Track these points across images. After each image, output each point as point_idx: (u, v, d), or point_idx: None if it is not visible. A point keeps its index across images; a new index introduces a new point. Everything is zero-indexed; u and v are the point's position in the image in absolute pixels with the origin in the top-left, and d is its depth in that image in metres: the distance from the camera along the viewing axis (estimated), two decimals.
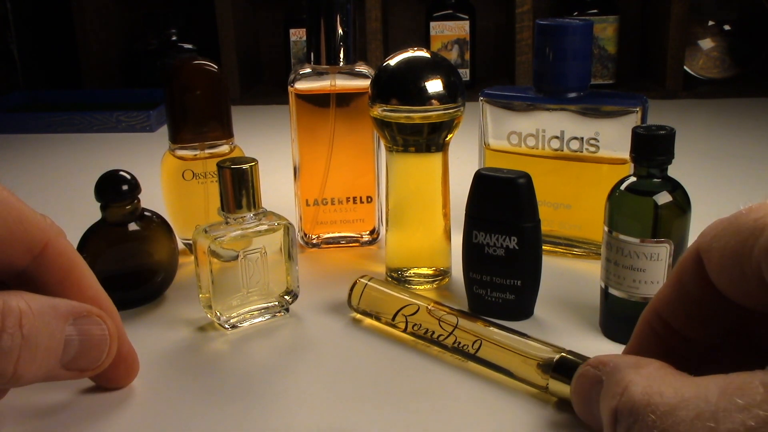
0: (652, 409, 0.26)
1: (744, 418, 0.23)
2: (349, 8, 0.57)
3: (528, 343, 0.42)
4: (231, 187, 0.47)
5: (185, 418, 0.39)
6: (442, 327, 0.45)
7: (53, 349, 0.34)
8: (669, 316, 0.32)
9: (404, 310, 0.46)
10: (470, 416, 0.39)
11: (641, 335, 0.33)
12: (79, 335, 0.36)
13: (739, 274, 0.28)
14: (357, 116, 0.59)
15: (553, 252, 0.59)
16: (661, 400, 0.26)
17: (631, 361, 0.30)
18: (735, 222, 0.28)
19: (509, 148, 0.59)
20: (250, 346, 0.47)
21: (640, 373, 0.28)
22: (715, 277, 0.29)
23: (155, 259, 0.52)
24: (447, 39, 1.27)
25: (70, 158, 0.96)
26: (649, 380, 0.27)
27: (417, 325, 0.46)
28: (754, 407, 0.23)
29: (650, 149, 0.44)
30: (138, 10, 1.38)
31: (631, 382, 0.28)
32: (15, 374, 0.33)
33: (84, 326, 0.36)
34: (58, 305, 0.35)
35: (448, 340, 0.44)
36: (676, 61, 1.19)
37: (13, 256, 0.36)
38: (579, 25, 0.55)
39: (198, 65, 0.58)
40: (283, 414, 0.39)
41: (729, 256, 0.28)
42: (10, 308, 0.33)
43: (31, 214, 0.36)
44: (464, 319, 0.45)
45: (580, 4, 1.23)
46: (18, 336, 0.32)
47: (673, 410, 0.25)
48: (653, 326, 0.33)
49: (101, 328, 0.37)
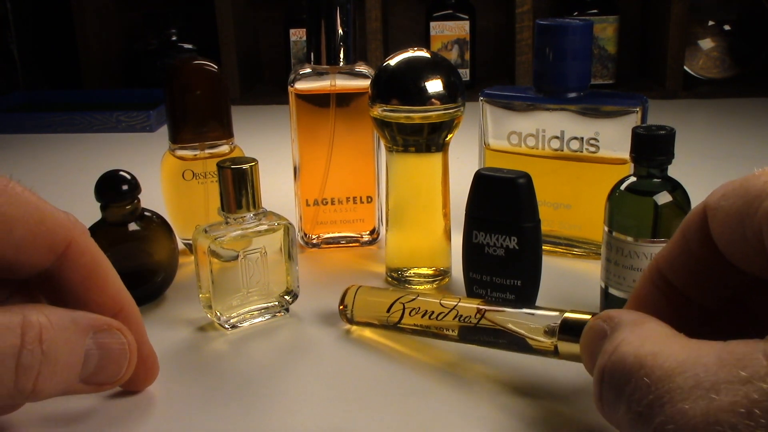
0: (646, 372, 0.25)
1: (747, 390, 0.22)
2: (349, 8, 0.57)
3: (531, 312, 0.41)
4: (231, 187, 0.47)
5: (185, 418, 0.39)
6: (442, 305, 0.44)
7: (73, 364, 0.34)
8: (670, 272, 0.31)
9: (402, 299, 0.46)
10: (471, 416, 0.39)
11: (642, 291, 0.33)
12: (98, 349, 0.35)
13: (740, 236, 0.27)
14: (357, 116, 0.59)
15: (553, 252, 0.59)
16: (654, 363, 0.25)
17: (632, 318, 0.29)
18: (744, 183, 0.27)
19: (509, 148, 0.59)
20: (250, 346, 0.47)
21: (635, 332, 0.27)
22: (718, 237, 0.29)
23: (155, 259, 0.52)
24: (447, 39, 1.27)
25: (70, 158, 0.96)
26: (643, 340, 0.27)
27: (415, 310, 0.45)
28: (757, 380, 0.22)
29: (650, 149, 0.44)
30: (138, 10, 1.38)
31: (624, 341, 0.27)
32: (34, 390, 0.32)
33: (104, 340, 0.35)
34: (79, 319, 0.35)
35: (449, 317, 0.43)
36: (676, 61, 1.19)
37: (35, 256, 0.35)
38: (579, 25, 0.55)
39: (198, 65, 0.58)
40: (282, 414, 0.40)
41: (733, 216, 0.27)
42: (30, 323, 0.32)
43: (54, 212, 0.36)
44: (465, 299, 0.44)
45: (580, 4, 1.23)
46: (38, 352, 0.32)
47: (670, 376, 0.24)
48: (655, 282, 0.32)
49: (121, 341, 0.36)
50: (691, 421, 0.23)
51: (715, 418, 0.22)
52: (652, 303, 0.32)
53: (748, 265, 0.28)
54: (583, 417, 0.38)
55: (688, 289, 0.31)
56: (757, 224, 0.26)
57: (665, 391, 0.24)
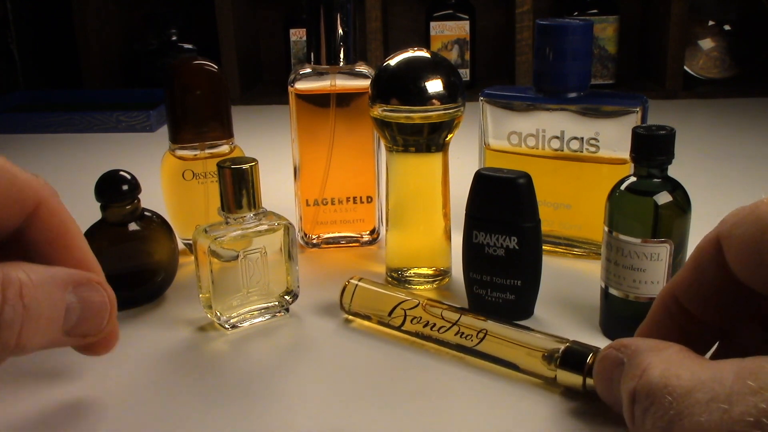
0: (668, 391, 0.26)
1: (756, 400, 0.23)
2: (349, 8, 0.57)
3: (532, 335, 0.42)
4: (231, 187, 0.47)
5: (185, 418, 0.39)
6: (444, 318, 0.45)
7: (55, 317, 0.35)
8: (685, 299, 0.32)
9: (403, 305, 0.46)
10: (470, 416, 0.39)
11: (656, 316, 0.34)
12: (79, 302, 0.36)
13: (757, 262, 0.28)
14: (357, 116, 0.59)
15: (553, 252, 0.59)
16: (678, 383, 0.26)
17: (652, 345, 0.30)
18: (756, 210, 0.28)
19: (509, 148, 0.59)
20: (250, 346, 0.47)
21: (659, 356, 0.29)
22: (734, 264, 0.29)
23: (155, 259, 0.52)
24: (447, 39, 1.27)
25: (70, 158, 0.96)
26: (667, 363, 0.28)
27: (417, 319, 0.46)
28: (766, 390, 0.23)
29: (650, 149, 0.44)
30: (138, 10, 1.38)
31: (650, 365, 0.28)
32: (18, 344, 0.33)
33: (84, 293, 0.36)
34: (57, 274, 0.35)
35: (449, 332, 0.44)
36: (676, 61, 1.19)
37: (5, 215, 0.36)
38: (579, 25, 0.55)
39: (198, 65, 0.58)
40: (282, 414, 0.39)
41: (748, 244, 0.28)
42: (9, 280, 0.33)
43: (24, 173, 0.37)
44: (467, 313, 0.45)
45: (580, 4, 1.23)
46: (20, 306, 0.33)
47: (689, 392, 0.25)
48: (669, 308, 0.33)
49: (101, 294, 0.37)
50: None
51: (727, 428, 0.23)
52: (666, 326, 0.33)
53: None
54: (582, 415, 0.38)
55: (704, 314, 0.32)
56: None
57: (685, 406, 0.25)
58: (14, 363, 0.45)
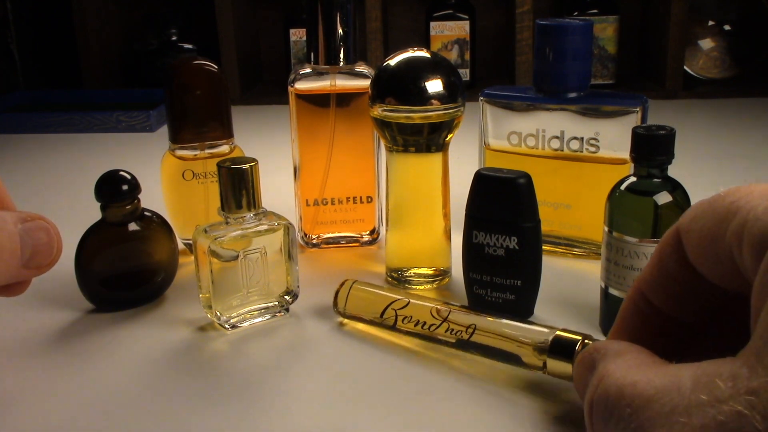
0: (627, 402, 0.26)
1: (714, 413, 0.23)
2: (349, 8, 0.57)
3: (522, 326, 0.42)
4: (231, 187, 0.47)
5: (185, 418, 0.39)
6: (433, 316, 0.45)
7: (13, 250, 0.37)
8: (652, 294, 0.32)
9: (394, 305, 0.46)
10: (470, 415, 0.39)
11: (627, 314, 0.34)
12: (30, 236, 0.38)
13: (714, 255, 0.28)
14: (357, 116, 0.59)
15: (553, 252, 0.59)
16: (634, 392, 0.26)
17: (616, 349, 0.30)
18: (713, 204, 0.28)
19: (509, 148, 0.59)
20: (250, 346, 0.47)
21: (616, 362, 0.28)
22: (693, 257, 0.29)
23: (155, 259, 0.52)
24: (447, 39, 1.27)
25: (70, 158, 0.96)
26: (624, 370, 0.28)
27: (407, 318, 0.46)
28: (720, 403, 0.23)
29: (650, 149, 0.44)
30: (138, 10, 1.38)
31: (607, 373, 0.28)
32: None
33: (33, 228, 0.39)
34: (6, 213, 0.38)
35: (440, 329, 0.44)
36: (676, 61, 1.19)
37: None
38: (579, 25, 0.55)
39: (198, 65, 0.58)
40: (282, 414, 0.39)
41: (706, 237, 0.28)
42: None
43: None
44: (457, 308, 0.45)
45: (580, 4, 1.23)
46: None
47: (648, 403, 0.25)
48: (638, 305, 0.33)
49: (47, 227, 0.40)
50: None
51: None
52: (636, 325, 0.33)
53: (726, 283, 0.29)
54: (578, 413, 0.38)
55: (670, 309, 0.32)
56: (727, 244, 0.27)
57: (645, 419, 0.25)
58: (14, 361, 0.45)
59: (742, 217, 0.26)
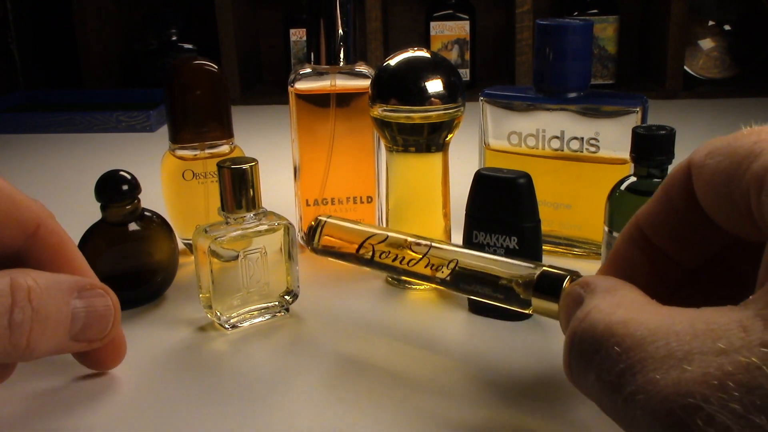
0: (616, 340, 0.24)
1: (721, 362, 0.21)
2: (349, 8, 0.57)
3: (507, 262, 0.40)
4: (231, 187, 0.47)
5: (185, 418, 0.39)
6: (413, 251, 0.43)
7: (62, 321, 0.36)
8: (651, 230, 0.31)
9: (371, 239, 0.45)
10: (468, 416, 0.39)
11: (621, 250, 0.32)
12: (85, 307, 0.37)
13: (725, 196, 0.26)
14: (357, 116, 0.59)
15: (553, 252, 0.59)
16: (625, 331, 0.24)
17: (607, 285, 0.28)
18: (733, 142, 0.27)
19: (509, 148, 0.59)
20: (250, 346, 0.47)
21: (606, 299, 0.27)
22: (702, 195, 0.28)
23: (155, 259, 0.52)
24: (447, 39, 1.27)
25: (70, 158, 0.96)
26: (615, 307, 0.26)
27: (385, 253, 0.44)
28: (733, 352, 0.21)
29: (650, 149, 0.44)
30: (138, 10, 1.38)
31: (595, 308, 0.26)
32: (28, 347, 0.34)
33: (89, 298, 0.37)
34: (63, 280, 0.37)
35: (419, 264, 0.42)
36: (676, 61, 1.19)
37: (8, 236, 0.37)
38: (579, 25, 0.55)
39: (198, 65, 0.58)
40: (283, 414, 0.39)
41: (720, 176, 0.26)
42: (18, 284, 0.34)
43: (24, 197, 0.38)
44: (438, 243, 0.42)
45: (580, 4, 1.23)
46: (29, 310, 0.34)
47: (641, 344, 0.23)
48: (635, 240, 0.31)
49: (105, 299, 0.38)
50: (662, 391, 0.22)
51: (686, 389, 0.21)
52: (631, 262, 0.31)
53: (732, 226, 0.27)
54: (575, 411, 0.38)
55: (668, 248, 0.30)
56: (744, 186, 0.25)
57: (636, 360, 0.23)
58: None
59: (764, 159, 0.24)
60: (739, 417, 0.20)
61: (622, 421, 0.24)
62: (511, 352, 0.45)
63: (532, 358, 0.44)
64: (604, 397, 0.24)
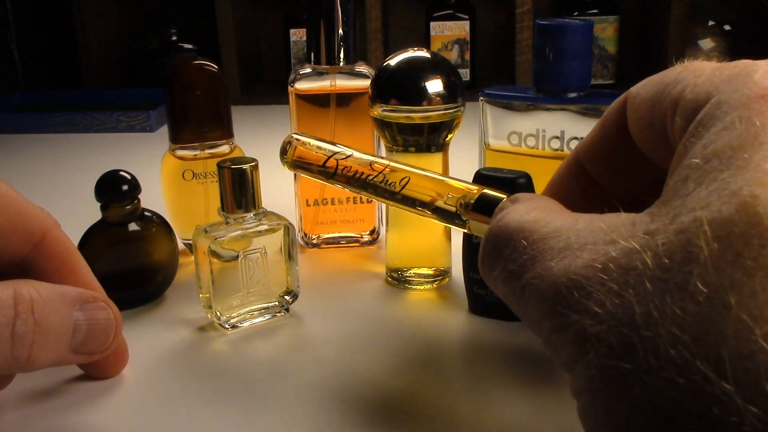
0: (524, 235, 0.26)
1: (608, 249, 0.23)
2: (349, 8, 0.57)
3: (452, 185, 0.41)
4: (231, 187, 0.47)
5: (185, 418, 0.39)
6: (372, 168, 0.45)
7: (63, 334, 0.36)
8: (587, 160, 0.32)
9: (336, 155, 0.47)
10: (468, 416, 0.39)
11: (558, 179, 0.33)
12: (86, 320, 0.37)
13: (649, 123, 0.28)
14: (357, 116, 0.59)
15: None
16: (533, 227, 0.26)
17: (527, 196, 0.30)
18: (663, 73, 0.28)
19: (509, 148, 0.59)
20: (250, 346, 0.47)
21: (525, 203, 0.29)
22: (631, 124, 0.29)
23: (155, 259, 0.52)
24: (447, 39, 1.27)
25: (70, 158, 0.96)
26: (527, 209, 0.28)
27: (347, 168, 0.46)
28: (620, 240, 0.23)
29: None
30: (138, 10, 1.38)
31: (513, 210, 0.28)
32: (29, 359, 0.34)
33: (91, 311, 0.37)
34: (66, 292, 0.37)
35: (376, 179, 0.44)
36: (676, 61, 1.19)
37: (14, 245, 0.37)
38: (579, 25, 0.55)
39: (198, 65, 0.58)
40: (283, 414, 0.39)
41: (646, 103, 0.28)
42: (21, 295, 0.34)
43: (30, 205, 0.38)
44: (399, 163, 0.45)
45: (580, 4, 1.23)
46: (31, 322, 0.34)
47: (544, 239, 0.25)
48: (572, 170, 0.33)
49: (107, 312, 0.38)
50: (553, 276, 0.24)
51: (573, 271, 0.23)
52: (568, 191, 0.33)
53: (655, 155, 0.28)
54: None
55: (603, 179, 0.32)
56: (663, 110, 0.27)
57: (538, 251, 0.25)
58: None
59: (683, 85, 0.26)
60: (615, 294, 0.22)
61: (519, 308, 0.26)
62: (511, 352, 0.45)
63: (532, 359, 0.44)
64: (507, 286, 0.27)
